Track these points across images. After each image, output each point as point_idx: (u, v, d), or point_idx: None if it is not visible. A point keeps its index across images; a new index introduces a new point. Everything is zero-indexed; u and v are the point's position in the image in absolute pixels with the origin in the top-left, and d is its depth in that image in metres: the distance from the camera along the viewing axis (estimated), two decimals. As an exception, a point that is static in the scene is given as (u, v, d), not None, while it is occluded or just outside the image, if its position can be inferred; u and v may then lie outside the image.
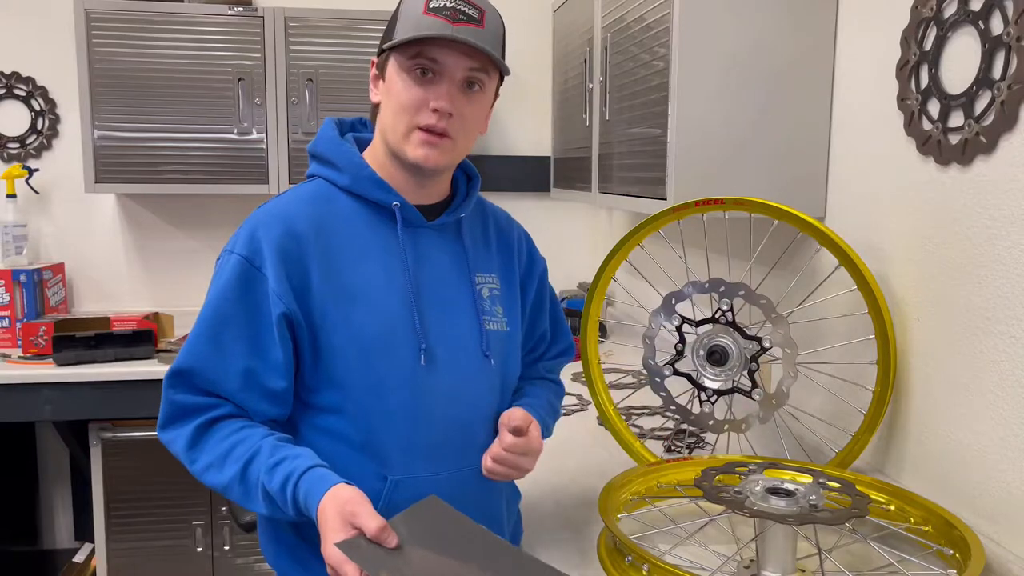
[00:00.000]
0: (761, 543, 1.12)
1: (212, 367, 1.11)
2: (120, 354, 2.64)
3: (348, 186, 1.18)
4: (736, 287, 1.46)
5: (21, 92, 3.06)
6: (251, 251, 1.12)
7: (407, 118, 1.13)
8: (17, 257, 2.95)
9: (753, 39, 1.63)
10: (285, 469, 1.05)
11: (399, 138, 1.14)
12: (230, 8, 2.80)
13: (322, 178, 1.21)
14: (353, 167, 1.17)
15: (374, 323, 1.14)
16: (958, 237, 1.29)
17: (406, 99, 1.12)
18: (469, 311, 1.22)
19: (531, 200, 3.36)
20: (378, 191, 1.17)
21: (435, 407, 1.16)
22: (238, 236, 1.15)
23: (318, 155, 1.22)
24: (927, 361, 1.38)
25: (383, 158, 1.19)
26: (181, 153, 2.83)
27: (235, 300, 1.11)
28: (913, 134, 1.39)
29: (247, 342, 1.11)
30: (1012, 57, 1.16)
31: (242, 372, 1.11)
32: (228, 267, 1.12)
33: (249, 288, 1.11)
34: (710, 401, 1.52)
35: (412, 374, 1.15)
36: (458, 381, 1.19)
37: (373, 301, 1.14)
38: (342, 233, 1.16)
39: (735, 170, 1.66)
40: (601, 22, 2.20)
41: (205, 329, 1.12)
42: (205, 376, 1.11)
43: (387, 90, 1.15)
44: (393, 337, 1.14)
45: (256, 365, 1.11)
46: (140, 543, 2.75)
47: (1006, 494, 1.20)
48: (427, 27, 1.09)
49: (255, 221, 1.15)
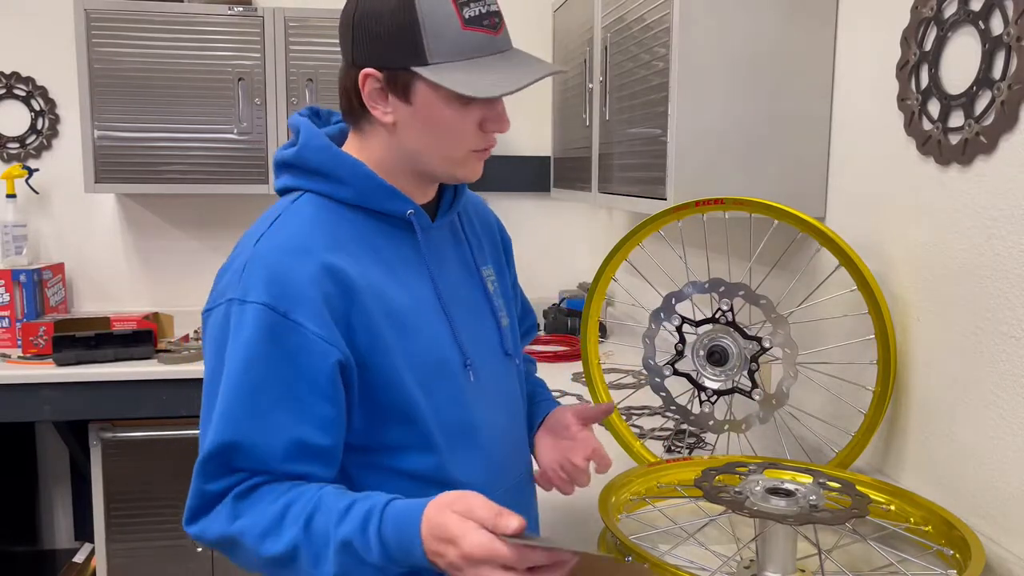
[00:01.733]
0: (761, 543, 1.12)
1: (253, 443, 0.94)
2: (120, 354, 2.64)
3: (352, 199, 1.05)
4: (736, 287, 1.46)
5: (21, 92, 3.06)
6: (275, 297, 0.95)
7: (462, 146, 1.04)
8: (17, 257, 2.95)
9: (753, 39, 1.63)
10: (360, 509, 0.91)
11: (446, 164, 1.05)
12: (230, 8, 2.80)
13: (312, 192, 1.06)
14: (359, 178, 1.04)
15: (425, 346, 1.04)
16: (958, 237, 1.29)
17: (462, 128, 1.02)
18: (486, 311, 1.16)
19: (531, 200, 3.36)
20: (392, 201, 1.06)
21: (486, 420, 1.11)
22: (249, 281, 0.96)
23: (306, 166, 1.06)
24: (927, 361, 1.38)
25: (389, 168, 1.06)
26: (181, 153, 2.83)
27: (267, 358, 0.94)
28: (913, 134, 1.39)
29: (290, 406, 0.95)
30: (1012, 57, 1.16)
31: (289, 443, 0.95)
32: (248, 320, 0.95)
33: (280, 342, 0.95)
34: (710, 401, 1.52)
35: (464, 392, 1.08)
36: (498, 388, 1.15)
37: (416, 322, 1.04)
38: (366, 254, 1.03)
39: (735, 170, 1.66)
40: (601, 22, 2.20)
41: (236, 398, 0.95)
42: (245, 454, 0.95)
43: (421, 116, 1.01)
44: (443, 357, 1.06)
45: (304, 430, 0.96)
46: (140, 543, 2.75)
47: (1006, 494, 1.20)
48: (476, 48, 0.98)
49: (267, 260, 0.97)
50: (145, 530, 2.75)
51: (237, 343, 0.95)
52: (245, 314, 0.95)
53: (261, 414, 0.95)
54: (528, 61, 1.02)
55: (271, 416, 0.95)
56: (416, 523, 0.88)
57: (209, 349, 1.01)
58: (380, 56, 0.99)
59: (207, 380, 1.00)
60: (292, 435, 0.95)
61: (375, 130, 1.05)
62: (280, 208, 1.05)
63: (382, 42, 0.98)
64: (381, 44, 0.99)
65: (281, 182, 1.10)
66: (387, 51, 0.98)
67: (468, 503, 0.87)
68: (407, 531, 0.88)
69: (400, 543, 0.88)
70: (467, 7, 0.97)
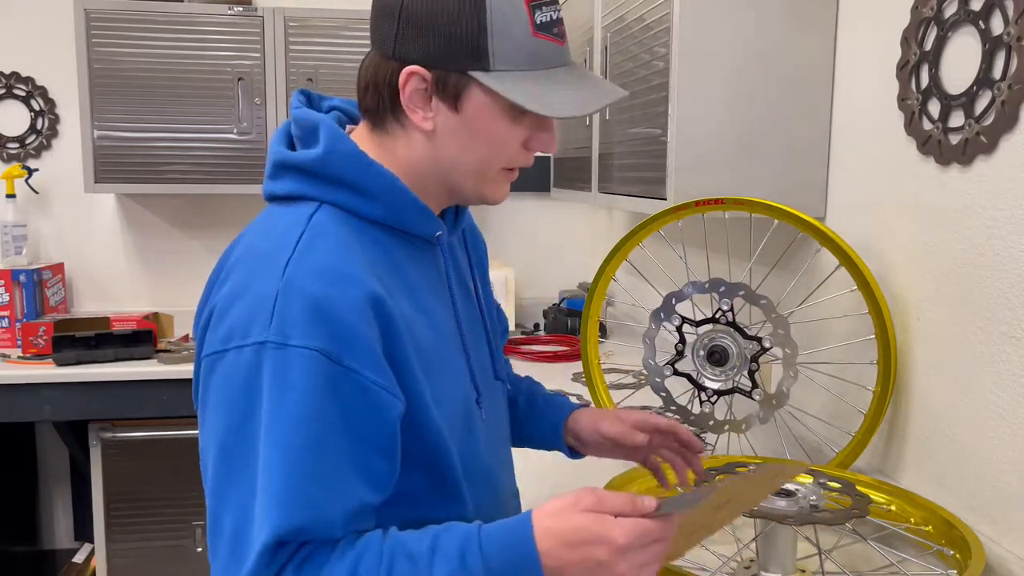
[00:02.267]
0: (762, 543, 1.12)
1: (321, 515, 0.78)
2: (120, 354, 2.64)
3: (380, 217, 0.90)
4: (736, 287, 1.46)
5: (21, 92, 3.06)
6: (327, 339, 0.79)
7: (503, 161, 0.92)
8: (17, 257, 2.95)
9: (753, 39, 1.63)
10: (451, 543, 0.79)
11: (480, 181, 0.93)
12: (230, 8, 2.80)
13: (331, 205, 0.89)
14: (392, 194, 0.90)
15: (449, 386, 0.93)
16: (958, 237, 1.29)
17: (508, 145, 0.91)
18: (482, 334, 1.05)
19: (531, 200, 3.36)
20: (424, 222, 0.93)
21: (496, 460, 1.03)
22: (287, 318, 0.79)
23: (332, 175, 0.89)
24: (927, 361, 1.38)
25: (413, 181, 0.93)
26: (181, 153, 2.83)
27: (325, 416, 0.79)
28: (913, 134, 1.39)
29: (353, 467, 0.81)
30: (1012, 57, 1.16)
31: (355, 511, 0.81)
32: (296, 369, 0.78)
33: (338, 393, 0.79)
34: (710, 401, 1.52)
35: (479, 433, 0.98)
36: (498, 421, 1.07)
37: (441, 359, 0.92)
38: (395, 280, 0.89)
39: (735, 170, 1.66)
40: (601, 22, 2.20)
41: (298, 472, 0.77)
42: (313, 530, 0.78)
43: (467, 127, 0.89)
44: (465, 397, 0.96)
45: (365, 493, 0.82)
46: (140, 543, 2.76)
47: (1006, 494, 1.20)
48: (546, 59, 0.87)
49: (309, 292, 0.80)
50: (145, 530, 2.75)
51: (284, 400, 0.78)
52: (290, 362, 0.78)
53: (326, 485, 0.79)
54: (592, 80, 0.93)
55: (336, 485, 0.79)
56: (528, 538, 0.78)
57: (225, 398, 0.81)
58: (432, 54, 0.85)
59: (225, 436, 0.80)
60: (357, 502, 0.81)
61: (405, 134, 0.91)
62: (298, 223, 0.86)
63: (438, 38, 0.85)
64: (437, 40, 0.85)
65: (284, 187, 0.91)
66: (442, 49, 0.85)
67: (597, 497, 0.78)
68: (519, 548, 0.77)
69: (512, 562, 0.78)
70: (540, 10, 0.86)
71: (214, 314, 0.85)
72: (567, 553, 0.77)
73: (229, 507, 0.80)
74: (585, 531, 0.77)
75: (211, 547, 0.83)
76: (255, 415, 0.79)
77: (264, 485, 0.78)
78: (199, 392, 0.86)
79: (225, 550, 0.80)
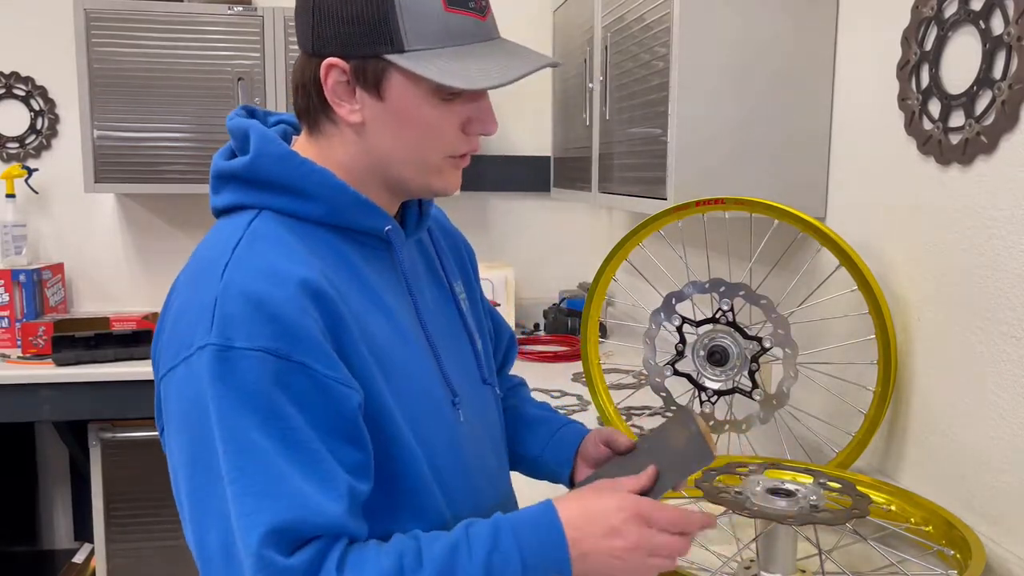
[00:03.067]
0: (762, 544, 1.12)
1: (310, 504, 0.77)
2: (119, 354, 2.64)
3: (322, 216, 0.88)
4: (736, 287, 1.45)
5: (20, 92, 3.06)
6: (270, 337, 0.77)
7: (440, 150, 0.89)
8: (16, 257, 2.95)
9: (753, 39, 1.63)
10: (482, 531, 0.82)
11: (420, 172, 0.90)
12: (230, 8, 2.80)
13: (271, 210, 0.87)
14: (329, 190, 0.88)
15: (415, 387, 0.90)
16: (958, 237, 1.29)
17: (442, 129, 0.88)
18: (462, 334, 1.03)
19: (531, 200, 3.36)
20: (369, 217, 0.90)
21: (479, 466, 0.99)
22: (227, 320, 0.77)
23: (264, 179, 0.87)
24: (927, 361, 1.38)
25: (355, 177, 0.90)
26: (181, 153, 2.83)
27: (285, 409, 0.77)
28: (914, 134, 1.39)
29: (327, 456, 0.79)
30: (1013, 57, 1.16)
31: (346, 492, 0.79)
32: (246, 369, 0.76)
33: (290, 389, 0.78)
34: (710, 401, 1.52)
35: (456, 435, 0.95)
36: (484, 424, 1.03)
37: (402, 357, 0.90)
38: (345, 279, 0.87)
39: (735, 170, 1.66)
40: (601, 22, 2.20)
41: (269, 462, 0.76)
42: (308, 520, 0.76)
43: (394, 114, 0.86)
44: (434, 398, 0.93)
45: (350, 479, 0.81)
46: (140, 543, 2.75)
47: (1006, 494, 1.20)
48: (460, 34, 0.84)
49: (245, 291, 0.78)
50: (145, 530, 2.75)
51: (235, 401, 0.76)
52: (235, 364, 0.76)
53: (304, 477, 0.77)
54: (520, 51, 0.89)
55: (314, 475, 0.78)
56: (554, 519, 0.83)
57: (181, 420, 0.79)
58: (345, 43, 0.84)
59: (189, 457, 0.78)
60: (344, 486, 0.79)
61: (339, 132, 0.89)
62: (236, 231, 0.85)
63: (348, 25, 0.83)
64: (347, 27, 0.83)
65: (224, 199, 0.90)
66: (354, 36, 0.83)
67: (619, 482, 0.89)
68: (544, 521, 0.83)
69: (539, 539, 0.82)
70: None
71: (163, 334, 0.84)
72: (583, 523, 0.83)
73: (211, 524, 0.78)
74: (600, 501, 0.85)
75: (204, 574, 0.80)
76: (207, 424, 0.77)
77: (238, 492, 0.76)
78: (161, 417, 0.84)
79: (220, 567, 0.78)
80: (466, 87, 0.83)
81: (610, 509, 0.84)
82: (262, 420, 0.76)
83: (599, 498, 0.86)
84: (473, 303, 1.10)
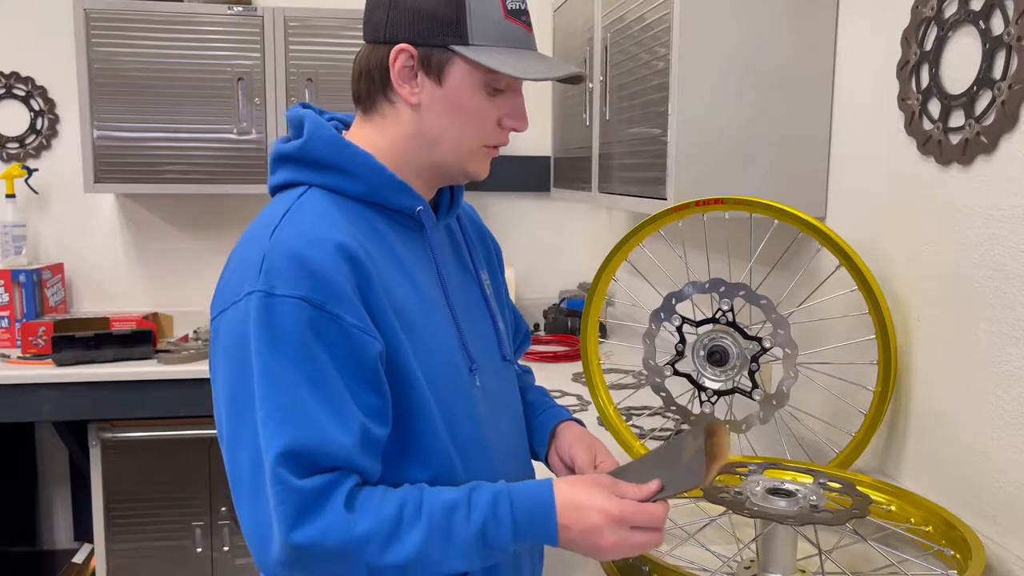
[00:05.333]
0: (762, 544, 1.12)
1: (327, 435, 0.88)
2: (119, 354, 2.64)
3: (361, 194, 1.00)
4: (736, 287, 1.45)
5: (20, 92, 3.06)
6: (309, 289, 0.89)
7: (481, 137, 1.02)
8: (16, 257, 2.95)
9: (753, 39, 1.63)
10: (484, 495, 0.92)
11: (461, 155, 1.03)
12: (230, 8, 2.80)
13: (318, 187, 1.00)
14: (369, 171, 1.00)
15: (434, 350, 1.00)
16: (958, 237, 1.29)
17: (485, 119, 1.01)
18: (485, 316, 1.14)
19: (531, 200, 3.36)
20: (402, 197, 1.02)
21: (493, 430, 1.07)
22: (273, 272, 0.90)
23: (314, 159, 1.01)
24: (927, 361, 1.38)
25: (399, 159, 1.03)
26: (181, 153, 2.83)
27: (315, 351, 0.89)
28: (914, 134, 1.39)
29: (347, 396, 0.90)
30: (1012, 57, 1.16)
31: (359, 431, 0.90)
32: (282, 315, 0.88)
33: (322, 335, 0.89)
34: (710, 401, 1.52)
35: (472, 398, 1.04)
36: (501, 394, 1.12)
37: (425, 325, 1.00)
38: (378, 246, 0.98)
39: (735, 170, 1.66)
40: (601, 22, 2.20)
41: (294, 393, 0.88)
42: (324, 450, 0.87)
43: (449, 99, 0.99)
44: (452, 361, 1.02)
45: (366, 420, 0.91)
46: (140, 543, 2.75)
47: (1006, 494, 1.20)
48: (515, 40, 1.00)
49: (290, 249, 0.91)
50: (145, 530, 2.75)
51: (275, 338, 0.88)
52: (278, 308, 0.88)
53: (325, 409, 0.88)
54: (555, 61, 1.04)
55: (334, 410, 0.89)
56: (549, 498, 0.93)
57: (226, 353, 0.92)
58: (419, 32, 0.97)
59: (230, 385, 0.91)
60: (359, 428, 0.90)
61: (395, 112, 1.02)
62: (287, 202, 0.98)
63: (424, 17, 0.97)
64: (422, 19, 0.97)
65: (279, 177, 1.03)
66: (428, 27, 0.97)
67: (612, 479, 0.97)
68: (541, 504, 0.92)
69: (533, 517, 0.92)
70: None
71: (219, 284, 0.97)
72: (574, 514, 0.92)
73: (243, 444, 0.89)
74: (591, 500, 0.92)
75: (235, 497, 0.91)
76: (247, 359, 0.89)
77: (264, 416, 0.87)
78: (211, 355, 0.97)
79: (247, 484, 0.89)
80: (518, 75, 0.97)
81: (595, 508, 0.93)
82: (295, 358, 0.88)
83: (591, 495, 0.94)
84: (498, 294, 1.21)
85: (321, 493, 0.87)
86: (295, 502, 0.86)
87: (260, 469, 0.87)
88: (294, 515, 0.86)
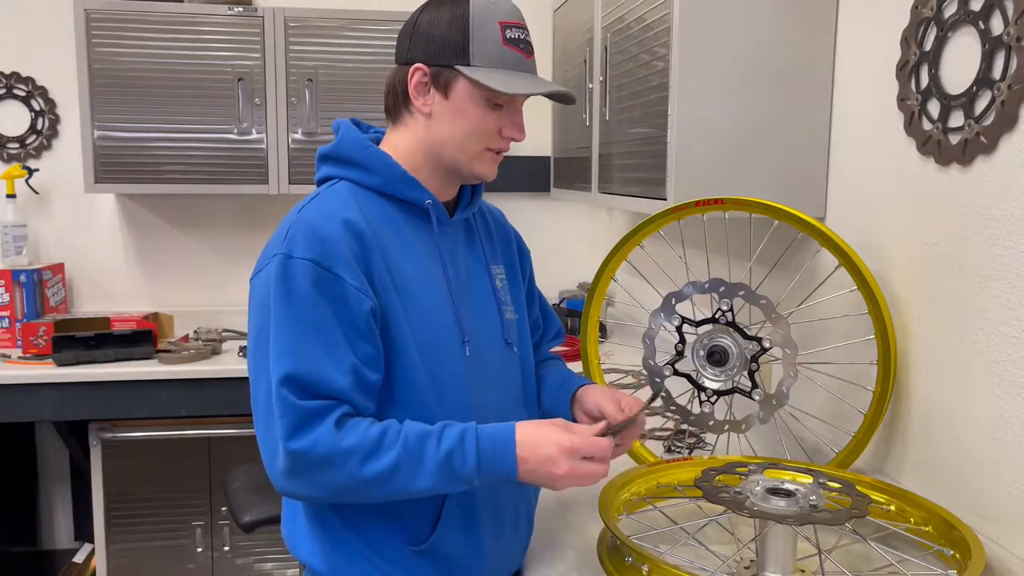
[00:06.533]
0: (761, 543, 1.12)
1: (323, 369, 1.07)
2: (120, 354, 2.64)
3: (378, 186, 1.20)
4: (736, 287, 1.46)
5: (21, 92, 3.06)
6: (318, 253, 1.09)
7: (482, 142, 1.20)
8: (17, 257, 2.95)
9: (753, 39, 1.63)
10: (455, 428, 1.09)
11: (467, 157, 1.20)
12: (230, 8, 2.80)
13: (346, 180, 1.21)
14: (384, 167, 1.20)
15: (427, 319, 1.17)
16: (958, 237, 1.29)
17: (485, 127, 1.19)
18: (491, 303, 1.28)
19: (531, 200, 3.36)
20: (411, 190, 1.20)
21: (483, 395, 1.22)
22: (293, 240, 1.11)
23: (342, 157, 1.22)
24: (927, 361, 1.38)
25: (417, 160, 1.21)
26: (181, 153, 2.83)
27: (319, 304, 1.08)
28: (913, 134, 1.39)
29: (344, 342, 1.09)
30: (1012, 57, 1.16)
31: (351, 370, 1.09)
32: (297, 273, 1.09)
33: (326, 291, 1.09)
34: (710, 401, 1.52)
35: (462, 366, 1.20)
36: (496, 369, 1.26)
37: (422, 297, 1.18)
38: (386, 231, 1.17)
39: (735, 170, 1.66)
40: (601, 22, 2.20)
41: (300, 334, 1.08)
42: (320, 380, 1.07)
43: (454, 110, 1.18)
44: (443, 331, 1.19)
45: (357, 365, 1.09)
46: (140, 543, 2.76)
47: (1006, 494, 1.20)
48: (511, 63, 1.16)
49: (308, 223, 1.12)
50: (145, 530, 2.75)
51: (289, 291, 1.08)
52: (293, 268, 1.09)
53: (324, 350, 1.07)
54: (546, 81, 1.22)
55: (331, 351, 1.08)
56: (510, 434, 1.09)
57: (255, 303, 1.13)
58: (432, 54, 1.17)
59: (255, 329, 1.12)
60: (351, 367, 1.08)
61: (413, 120, 1.21)
62: (319, 191, 1.22)
63: (436, 42, 1.16)
64: (435, 45, 1.17)
65: (320, 173, 1.25)
66: (439, 50, 1.16)
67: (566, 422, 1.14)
68: (502, 440, 1.09)
69: (495, 451, 1.08)
70: (509, 29, 1.17)
71: (259, 258, 1.17)
72: (532, 448, 1.09)
73: (261, 374, 1.09)
74: (547, 435, 1.10)
75: (255, 419, 1.10)
76: (271, 307, 1.09)
77: (276, 348, 1.07)
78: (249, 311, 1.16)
79: (263, 407, 1.09)
80: (502, 91, 1.15)
81: (551, 441, 1.09)
82: (303, 308, 1.08)
83: (547, 431, 1.11)
84: (515, 289, 1.36)
85: (316, 413, 1.06)
86: (293, 416, 1.05)
87: (272, 394, 1.06)
88: (292, 427, 1.05)
